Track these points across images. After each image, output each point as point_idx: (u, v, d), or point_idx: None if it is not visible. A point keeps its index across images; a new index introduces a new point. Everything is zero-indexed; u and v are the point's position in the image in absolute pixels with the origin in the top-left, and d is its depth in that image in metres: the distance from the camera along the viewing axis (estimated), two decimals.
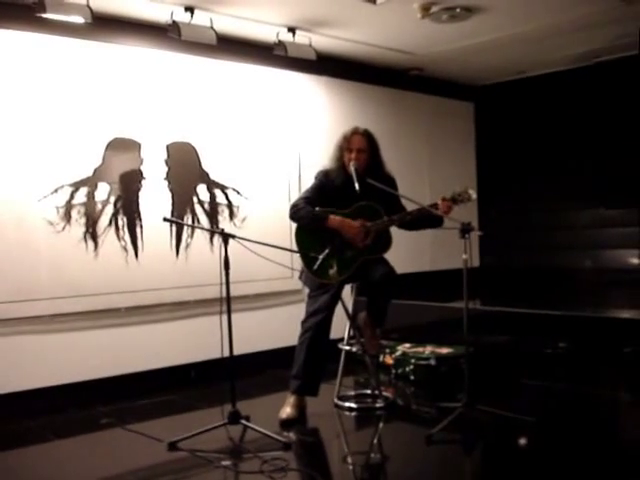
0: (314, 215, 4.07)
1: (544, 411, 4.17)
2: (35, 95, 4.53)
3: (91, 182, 4.76)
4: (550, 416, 4.07)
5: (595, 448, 3.50)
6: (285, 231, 5.35)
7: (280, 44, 5.30)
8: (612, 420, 4.06)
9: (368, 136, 4.21)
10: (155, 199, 5.06)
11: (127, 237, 4.92)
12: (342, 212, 4.09)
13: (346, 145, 4.17)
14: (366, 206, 4.11)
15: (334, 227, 4.04)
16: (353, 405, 4.40)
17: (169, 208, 5.14)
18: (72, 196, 4.67)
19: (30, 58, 4.50)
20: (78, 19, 4.39)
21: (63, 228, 4.62)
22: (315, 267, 4.00)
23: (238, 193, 5.54)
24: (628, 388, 4.49)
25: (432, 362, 4.94)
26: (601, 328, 4.83)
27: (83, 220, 4.71)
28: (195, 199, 5.30)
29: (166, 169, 5.13)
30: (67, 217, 4.64)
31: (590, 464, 3.27)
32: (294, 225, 4.23)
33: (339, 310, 4.23)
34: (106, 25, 4.80)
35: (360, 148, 4.15)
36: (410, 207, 4.19)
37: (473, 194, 4.07)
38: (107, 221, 4.83)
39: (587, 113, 6.88)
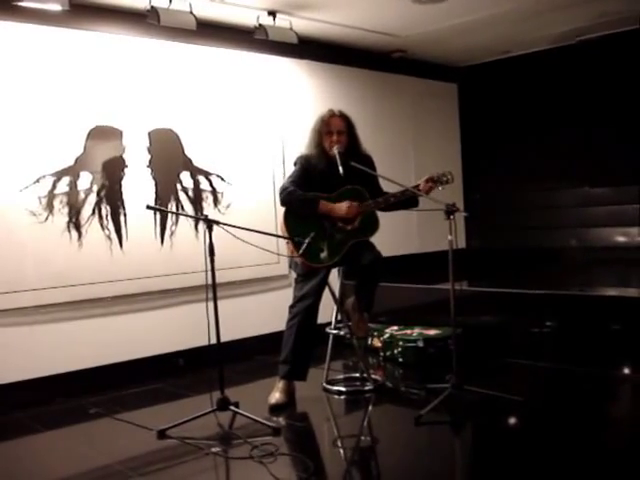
0: (305, 199, 4.06)
1: (532, 390, 4.20)
2: (14, 85, 4.45)
3: (73, 171, 4.70)
4: (538, 395, 4.10)
5: (583, 426, 3.52)
6: (270, 216, 5.34)
7: (261, 28, 5.24)
8: (600, 398, 4.07)
9: (345, 117, 4.21)
10: (138, 187, 5.01)
11: (111, 226, 4.88)
12: (328, 196, 4.08)
13: (326, 128, 4.16)
14: (351, 189, 4.12)
15: (325, 213, 4.05)
16: (342, 389, 4.41)
17: (153, 196, 5.10)
18: (54, 186, 4.61)
19: (7, 47, 4.42)
20: (55, 6, 4.34)
21: (46, 218, 4.57)
22: (301, 251, 3.99)
23: (222, 179, 5.50)
24: (616, 366, 4.52)
25: (420, 344, 4.96)
26: (588, 306, 4.85)
27: (66, 210, 4.67)
28: (179, 186, 5.26)
29: (149, 156, 5.09)
30: (50, 207, 4.59)
31: (578, 442, 3.29)
32: (279, 210, 4.21)
33: (326, 294, 4.23)
34: (83, 12, 4.73)
35: (340, 130, 4.14)
36: (391, 188, 4.19)
37: (451, 177, 4.11)
38: (90, 210, 4.78)
39: (571, 92, 6.88)
